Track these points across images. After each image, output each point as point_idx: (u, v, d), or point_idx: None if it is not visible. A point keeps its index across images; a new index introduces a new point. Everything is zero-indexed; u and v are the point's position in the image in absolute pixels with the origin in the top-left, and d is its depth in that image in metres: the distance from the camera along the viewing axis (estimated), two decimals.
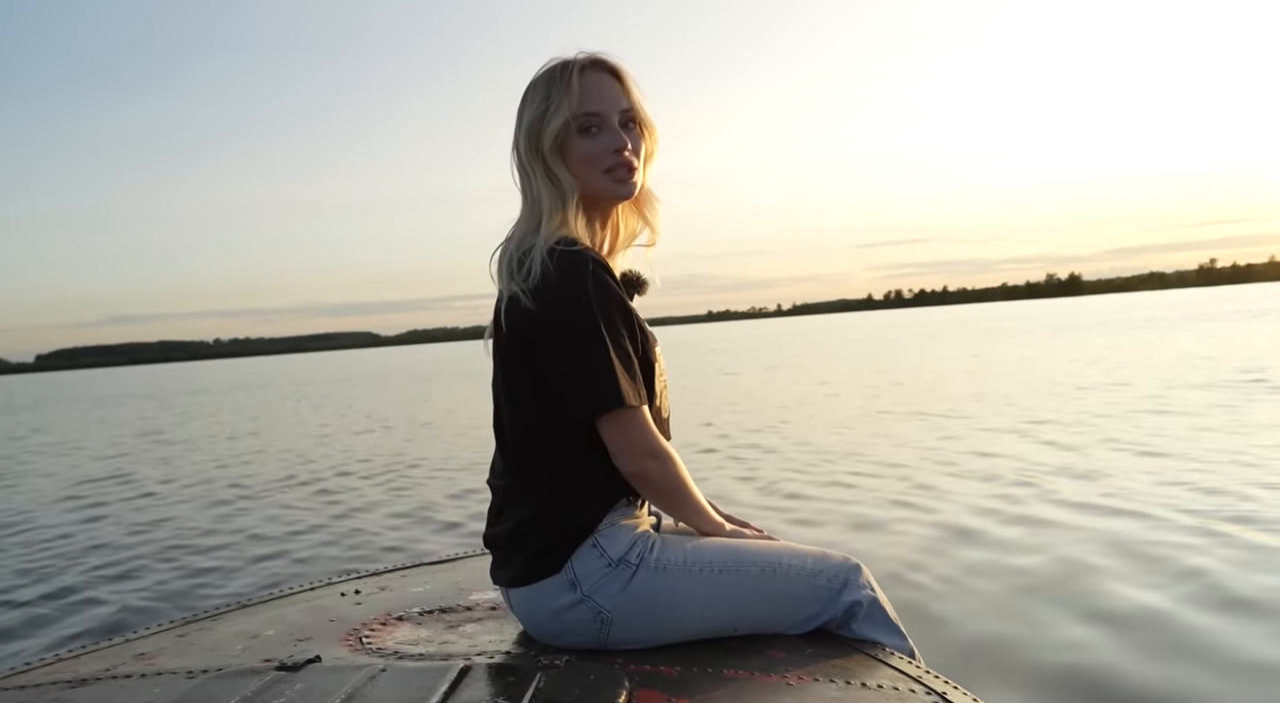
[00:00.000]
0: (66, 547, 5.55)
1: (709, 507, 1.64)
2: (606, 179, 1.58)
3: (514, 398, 1.54)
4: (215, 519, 6.21)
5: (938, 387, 12.53)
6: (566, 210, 1.56)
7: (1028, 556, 3.81)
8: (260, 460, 9.70)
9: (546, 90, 1.57)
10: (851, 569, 1.61)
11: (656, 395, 1.60)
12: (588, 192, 1.59)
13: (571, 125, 1.55)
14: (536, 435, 1.52)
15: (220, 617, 1.75)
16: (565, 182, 1.56)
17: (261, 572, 4.58)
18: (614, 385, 1.45)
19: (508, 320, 1.51)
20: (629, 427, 1.48)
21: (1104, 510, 4.49)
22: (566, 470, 1.52)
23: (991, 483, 5.44)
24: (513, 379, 1.53)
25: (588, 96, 1.56)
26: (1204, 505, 4.43)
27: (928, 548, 4.06)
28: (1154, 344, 18.78)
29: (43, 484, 8.91)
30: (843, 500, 5.29)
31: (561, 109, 1.55)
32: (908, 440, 7.53)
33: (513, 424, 1.54)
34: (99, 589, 4.39)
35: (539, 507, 1.52)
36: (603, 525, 1.51)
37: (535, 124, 1.57)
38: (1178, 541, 3.83)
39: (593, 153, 1.56)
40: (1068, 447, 6.57)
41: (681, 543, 1.57)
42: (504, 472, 1.59)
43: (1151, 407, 8.47)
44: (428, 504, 6.13)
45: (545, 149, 1.56)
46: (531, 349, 1.49)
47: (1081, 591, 3.32)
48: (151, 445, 12.46)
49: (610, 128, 1.57)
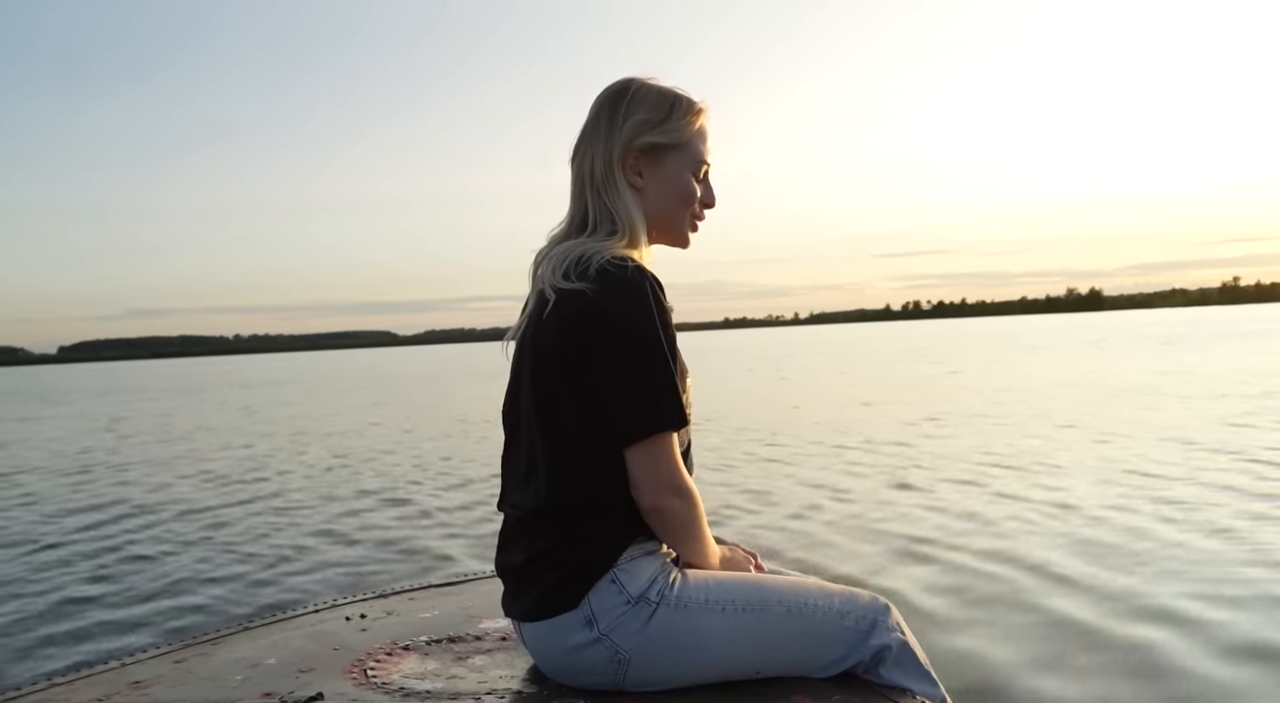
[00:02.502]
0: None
1: (715, 543, 1.56)
2: (687, 226, 1.57)
3: (546, 414, 1.45)
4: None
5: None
6: (643, 233, 1.51)
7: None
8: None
9: (678, 108, 1.53)
10: (880, 610, 1.53)
11: None
12: (663, 226, 1.56)
13: (689, 159, 1.53)
14: (564, 458, 1.44)
15: (221, 642, 1.68)
16: (639, 201, 1.51)
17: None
18: (672, 404, 1.39)
19: (556, 323, 1.41)
20: (659, 456, 1.40)
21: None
22: (591, 500, 1.43)
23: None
24: (548, 392, 1.44)
25: (709, 146, 1.56)
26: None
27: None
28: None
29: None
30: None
31: (688, 138, 1.53)
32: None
33: (541, 444, 1.46)
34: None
35: (558, 538, 1.44)
36: (623, 559, 1.44)
37: (644, 127, 1.50)
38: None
39: (696, 196, 1.56)
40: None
41: (703, 578, 1.49)
42: (521, 497, 1.52)
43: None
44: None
45: (647, 161, 1.51)
46: (579, 360, 1.40)
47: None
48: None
49: (708, 184, 1.58)
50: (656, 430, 1.38)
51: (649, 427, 1.38)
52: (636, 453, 1.40)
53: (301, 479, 8.17)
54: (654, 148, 1.50)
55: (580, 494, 1.43)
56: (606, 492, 1.43)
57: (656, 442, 1.39)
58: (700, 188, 1.55)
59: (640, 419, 1.38)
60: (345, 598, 1.98)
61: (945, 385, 16.00)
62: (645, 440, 1.39)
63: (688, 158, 1.53)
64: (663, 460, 1.40)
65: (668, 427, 1.39)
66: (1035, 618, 3.37)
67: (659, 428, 1.38)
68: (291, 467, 9.11)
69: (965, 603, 3.60)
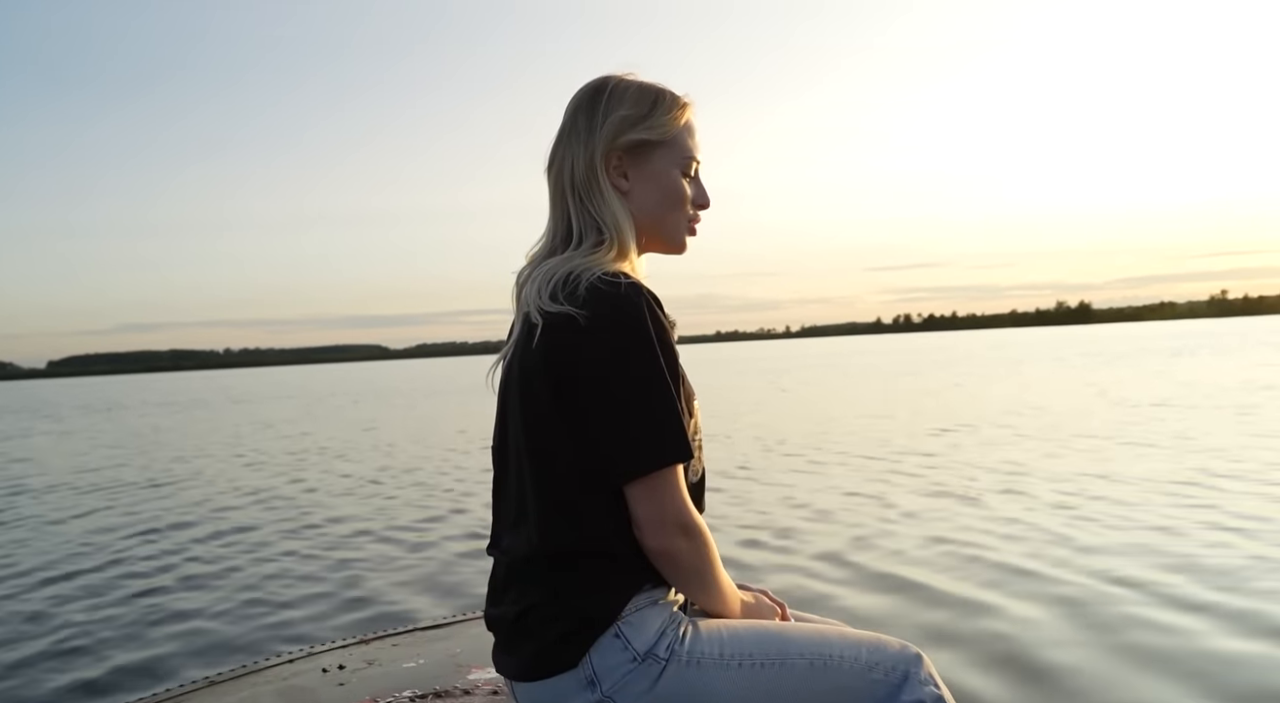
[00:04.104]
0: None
1: (732, 584, 1.40)
2: (682, 228, 1.43)
3: (537, 450, 1.31)
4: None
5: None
6: (633, 240, 1.37)
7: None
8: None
9: (658, 102, 1.39)
10: (912, 660, 1.38)
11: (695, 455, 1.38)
12: (655, 229, 1.41)
13: (677, 156, 1.39)
14: (558, 499, 1.29)
15: (186, 698, 1.52)
16: (626, 205, 1.38)
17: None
18: (675, 439, 1.25)
19: (543, 352, 1.27)
20: (664, 493, 1.25)
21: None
22: (590, 546, 1.29)
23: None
24: (538, 426, 1.30)
25: (697, 141, 1.43)
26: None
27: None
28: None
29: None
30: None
31: (674, 134, 1.39)
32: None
33: (532, 483, 1.32)
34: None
35: (554, 588, 1.29)
36: (627, 611, 1.29)
37: (626, 125, 1.37)
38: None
39: (687, 196, 1.42)
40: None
41: (716, 629, 1.34)
42: (511, 542, 1.37)
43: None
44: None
45: (632, 161, 1.38)
46: (570, 390, 1.26)
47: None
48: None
49: (700, 182, 1.44)
50: (659, 466, 1.24)
51: (651, 462, 1.24)
52: (638, 491, 1.26)
53: (281, 505, 7.81)
54: (639, 146, 1.37)
55: (577, 539, 1.29)
56: (607, 536, 1.28)
57: (660, 478, 1.25)
58: (691, 187, 1.42)
59: (641, 454, 1.24)
60: (322, 645, 1.82)
61: (976, 398, 15.85)
62: (647, 477, 1.24)
63: (675, 155, 1.39)
64: (668, 498, 1.26)
65: (671, 460, 1.25)
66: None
67: (662, 462, 1.24)
68: (268, 490, 8.75)
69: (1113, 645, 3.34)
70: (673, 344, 1.30)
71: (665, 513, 1.26)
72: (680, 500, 1.27)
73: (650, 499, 1.25)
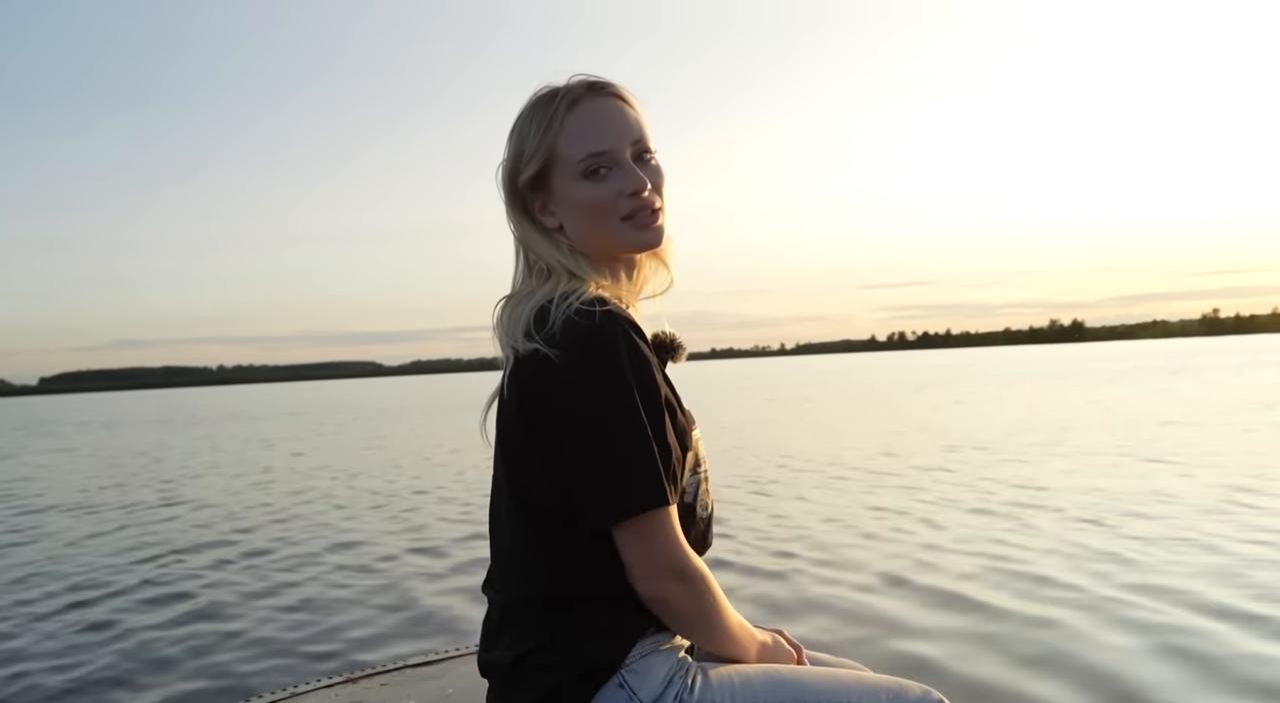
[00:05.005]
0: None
1: (743, 624, 1.30)
2: (626, 228, 1.28)
3: (520, 492, 1.23)
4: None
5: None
6: (581, 268, 1.27)
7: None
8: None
9: (530, 125, 1.28)
10: None
11: (697, 491, 1.30)
12: (602, 246, 1.30)
13: (569, 168, 1.26)
14: (550, 541, 1.21)
15: None
16: (560, 240, 1.28)
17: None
18: (650, 482, 1.15)
19: (516, 392, 1.21)
20: (653, 537, 1.17)
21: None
22: (587, 587, 1.21)
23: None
24: (519, 467, 1.23)
25: (590, 131, 1.26)
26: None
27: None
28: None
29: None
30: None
31: (555, 148, 1.26)
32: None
33: (522, 522, 1.24)
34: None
35: (551, 634, 1.21)
36: (631, 657, 1.21)
37: (514, 166, 1.29)
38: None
39: (605, 199, 1.27)
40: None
41: (727, 676, 1.26)
42: (504, 581, 1.29)
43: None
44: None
45: (529, 199, 1.30)
46: (545, 431, 1.19)
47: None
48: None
49: (623, 166, 1.27)
50: (642, 510, 1.16)
51: (633, 506, 1.16)
52: (625, 536, 1.18)
53: (272, 527, 7.55)
54: (536, 181, 1.29)
55: (573, 580, 1.21)
56: (604, 577, 1.20)
57: (646, 521, 1.16)
58: (609, 183, 1.26)
59: (621, 498, 1.16)
60: (308, 683, 1.73)
61: (983, 416, 15.73)
62: (631, 521, 1.16)
63: (567, 168, 1.27)
64: (657, 542, 1.17)
65: (652, 505, 1.16)
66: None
67: (644, 507, 1.16)
68: (251, 511, 8.50)
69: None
70: (653, 378, 1.20)
71: (655, 558, 1.18)
72: (671, 544, 1.18)
73: (639, 545, 1.17)
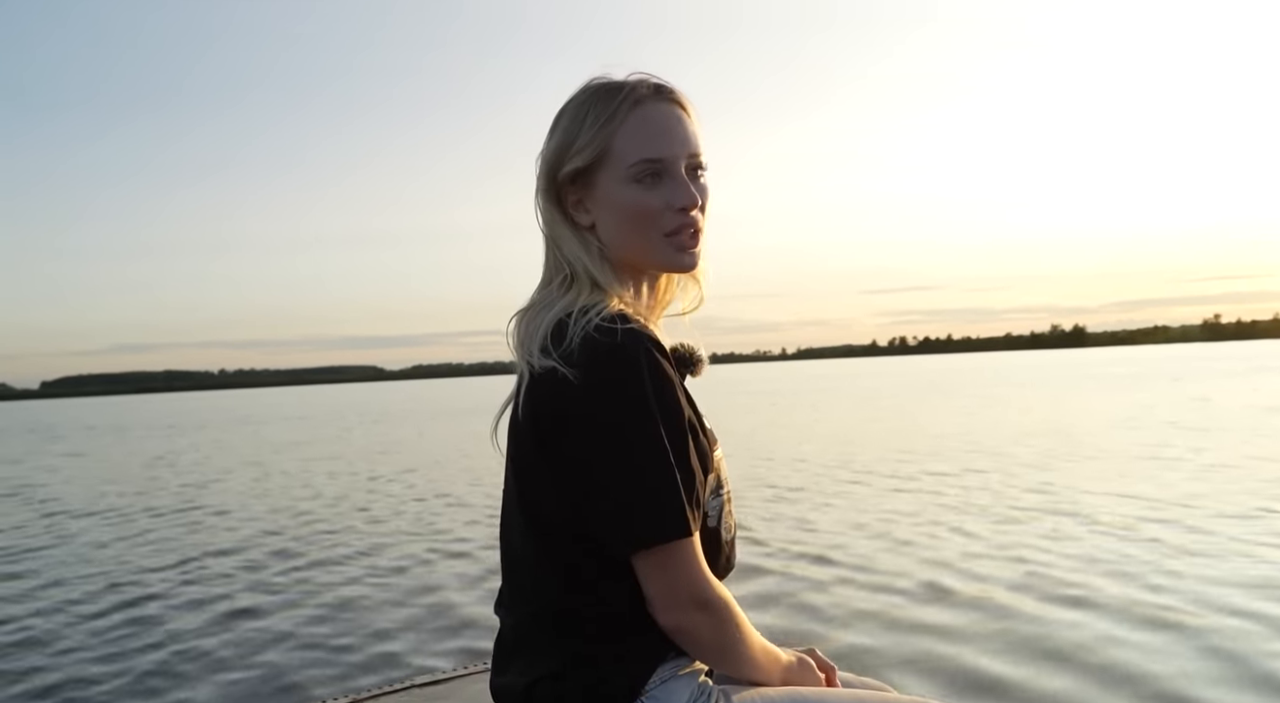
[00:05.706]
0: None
1: (767, 648, 1.25)
2: (667, 245, 1.21)
3: (533, 513, 1.18)
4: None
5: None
6: (607, 277, 1.21)
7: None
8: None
9: (587, 115, 1.20)
10: None
11: (720, 513, 1.25)
12: (634, 256, 1.23)
13: (620, 168, 1.19)
14: (564, 563, 1.17)
15: None
16: (590, 241, 1.22)
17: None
18: (672, 512, 1.10)
19: (531, 410, 1.15)
20: (673, 567, 1.12)
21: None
22: (603, 610, 1.16)
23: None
24: (529, 482, 1.18)
25: (650, 135, 1.19)
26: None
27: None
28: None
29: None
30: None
31: (610, 144, 1.19)
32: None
33: (528, 538, 1.19)
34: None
35: (566, 659, 1.16)
36: (651, 683, 1.16)
37: (560, 155, 1.22)
38: None
39: (651, 208, 1.19)
40: None
41: (750, 699, 1.21)
42: (515, 598, 1.24)
43: None
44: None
45: (565, 191, 1.23)
46: (556, 448, 1.14)
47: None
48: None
49: (676, 178, 1.20)
50: (663, 541, 1.11)
51: (655, 537, 1.11)
52: (644, 566, 1.13)
53: (268, 539, 7.33)
54: (579, 175, 1.22)
55: (586, 595, 1.16)
56: (620, 599, 1.15)
57: (668, 552, 1.11)
58: (659, 192, 1.20)
59: (639, 529, 1.11)
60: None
61: (997, 421, 15.66)
62: (652, 551, 1.11)
63: (618, 168, 1.19)
64: (680, 573, 1.12)
65: (674, 536, 1.11)
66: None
67: (665, 538, 1.10)
68: (243, 520, 8.35)
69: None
70: (676, 400, 1.14)
71: (677, 589, 1.13)
72: (693, 573, 1.13)
73: (659, 575, 1.12)
